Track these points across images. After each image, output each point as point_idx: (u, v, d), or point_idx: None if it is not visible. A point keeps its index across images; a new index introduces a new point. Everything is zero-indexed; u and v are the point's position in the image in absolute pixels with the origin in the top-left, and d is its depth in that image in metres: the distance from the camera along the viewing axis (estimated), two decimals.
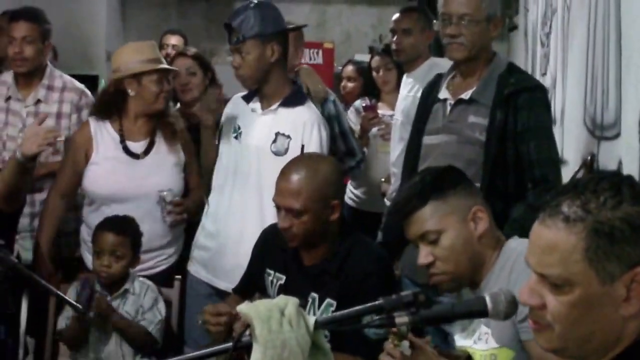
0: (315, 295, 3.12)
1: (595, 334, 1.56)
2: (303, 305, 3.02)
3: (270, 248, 3.29)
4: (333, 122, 4.40)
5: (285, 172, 3.11)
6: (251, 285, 3.37)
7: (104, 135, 4.03)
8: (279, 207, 3.10)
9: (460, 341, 2.55)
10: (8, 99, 4.42)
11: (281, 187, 3.09)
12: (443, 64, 4.08)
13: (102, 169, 3.99)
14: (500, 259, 2.47)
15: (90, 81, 4.11)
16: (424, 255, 2.49)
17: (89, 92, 4.52)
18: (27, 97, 4.40)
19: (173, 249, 4.05)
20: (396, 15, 4.95)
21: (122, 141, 4.00)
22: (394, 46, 4.87)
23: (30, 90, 4.41)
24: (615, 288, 1.53)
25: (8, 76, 4.49)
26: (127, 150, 3.99)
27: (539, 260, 1.58)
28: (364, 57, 7.08)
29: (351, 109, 5.60)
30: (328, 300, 3.08)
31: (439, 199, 2.47)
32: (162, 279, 3.85)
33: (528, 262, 1.62)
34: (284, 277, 3.24)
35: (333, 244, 3.14)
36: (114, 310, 3.54)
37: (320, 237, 3.11)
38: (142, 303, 3.63)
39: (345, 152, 4.50)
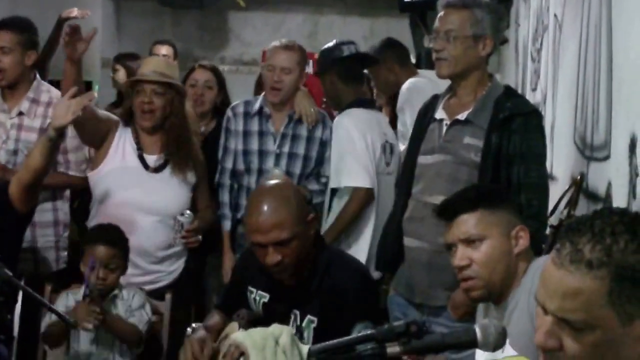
0: (297, 312, 3.14)
1: None
2: (286, 321, 3.09)
3: (252, 267, 3.28)
4: (326, 147, 4.42)
5: (257, 209, 3.05)
6: (234, 302, 3.39)
7: (125, 140, 4.09)
8: (263, 245, 3.05)
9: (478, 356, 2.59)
10: None
11: (261, 225, 3.03)
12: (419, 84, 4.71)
13: (115, 178, 4.05)
14: (526, 277, 2.54)
15: (84, 88, 4.12)
16: (461, 257, 2.57)
17: None
18: (12, 108, 4.40)
19: (175, 265, 4.08)
20: None
21: (139, 150, 4.04)
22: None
23: (16, 101, 4.40)
24: (633, 327, 1.56)
25: None
26: (142, 161, 4.03)
27: (560, 305, 1.60)
28: None
29: None
30: (309, 317, 3.11)
31: (488, 209, 2.59)
32: (160, 295, 3.89)
33: (543, 304, 1.64)
34: (267, 296, 3.26)
35: (311, 260, 3.16)
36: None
37: (306, 257, 3.13)
38: (130, 304, 3.67)
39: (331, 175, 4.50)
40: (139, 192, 3.98)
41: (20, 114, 4.39)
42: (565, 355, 1.61)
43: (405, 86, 4.94)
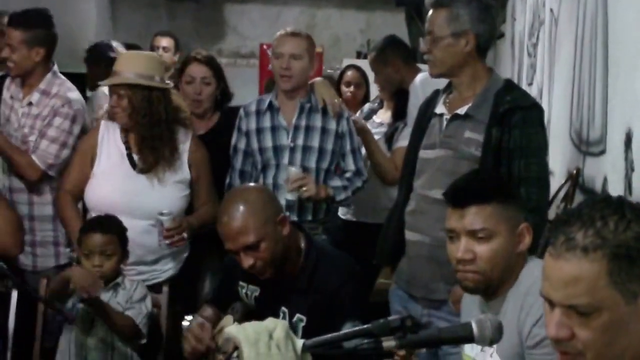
0: (285, 310, 3.15)
1: (626, 351, 1.63)
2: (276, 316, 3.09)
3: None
4: (345, 140, 4.34)
5: (223, 218, 3.10)
6: (225, 298, 3.40)
7: (110, 143, 4.04)
8: (235, 252, 3.09)
9: (467, 349, 2.59)
10: (12, 97, 4.49)
11: (228, 232, 3.08)
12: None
13: (102, 181, 4.00)
14: (520, 277, 2.51)
15: (78, 79, 4.11)
16: (465, 250, 2.51)
17: (75, 105, 4.43)
18: (25, 98, 4.44)
19: (170, 264, 4.06)
20: None
21: (128, 149, 4.01)
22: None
23: (28, 91, 4.45)
24: (638, 304, 1.60)
25: None
26: (131, 161, 4.00)
27: (564, 293, 1.63)
28: (352, 62, 7.14)
29: (359, 114, 5.53)
30: (298, 315, 3.12)
31: (501, 204, 2.53)
32: (156, 292, 3.88)
33: (548, 297, 1.66)
34: (258, 289, 3.27)
35: (298, 257, 3.17)
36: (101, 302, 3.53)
37: (283, 256, 3.13)
38: (132, 295, 3.66)
39: (354, 171, 4.37)
40: (126, 194, 3.94)
41: (30, 104, 4.42)
42: (578, 343, 1.63)
43: (417, 79, 4.85)
